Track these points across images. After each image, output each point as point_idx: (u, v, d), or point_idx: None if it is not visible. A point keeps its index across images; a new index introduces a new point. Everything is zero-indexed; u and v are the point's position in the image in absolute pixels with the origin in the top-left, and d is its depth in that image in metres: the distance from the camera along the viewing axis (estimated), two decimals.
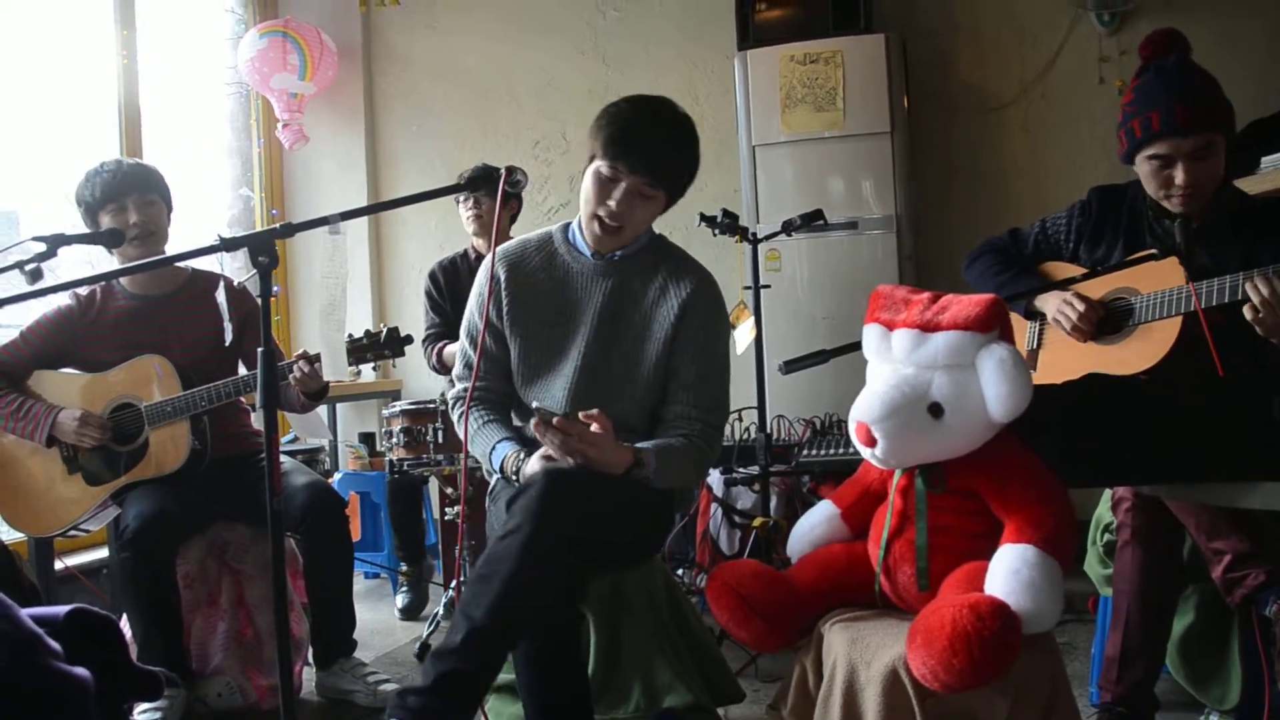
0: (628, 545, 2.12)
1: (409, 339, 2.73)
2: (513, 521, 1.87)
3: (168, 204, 2.87)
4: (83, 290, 2.82)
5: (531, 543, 1.83)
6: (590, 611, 2.06)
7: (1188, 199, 2.27)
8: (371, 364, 2.74)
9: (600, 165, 2.13)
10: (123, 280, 2.86)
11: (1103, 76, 4.10)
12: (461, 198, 3.74)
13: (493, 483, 2.32)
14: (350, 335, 2.66)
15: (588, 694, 1.98)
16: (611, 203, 2.13)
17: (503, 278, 2.26)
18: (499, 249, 2.30)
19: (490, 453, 2.18)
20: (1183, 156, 2.24)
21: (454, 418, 2.34)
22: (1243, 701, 2.26)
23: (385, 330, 2.69)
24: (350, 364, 2.70)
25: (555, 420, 1.93)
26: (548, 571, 1.86)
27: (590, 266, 2.25)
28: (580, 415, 1.97)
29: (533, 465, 2.05)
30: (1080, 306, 2.33)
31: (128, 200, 2.76)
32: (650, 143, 2.12)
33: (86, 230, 2.78)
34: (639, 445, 2.08)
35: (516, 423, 2.29)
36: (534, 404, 2.00)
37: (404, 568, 3.88)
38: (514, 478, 2.11)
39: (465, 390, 2.27)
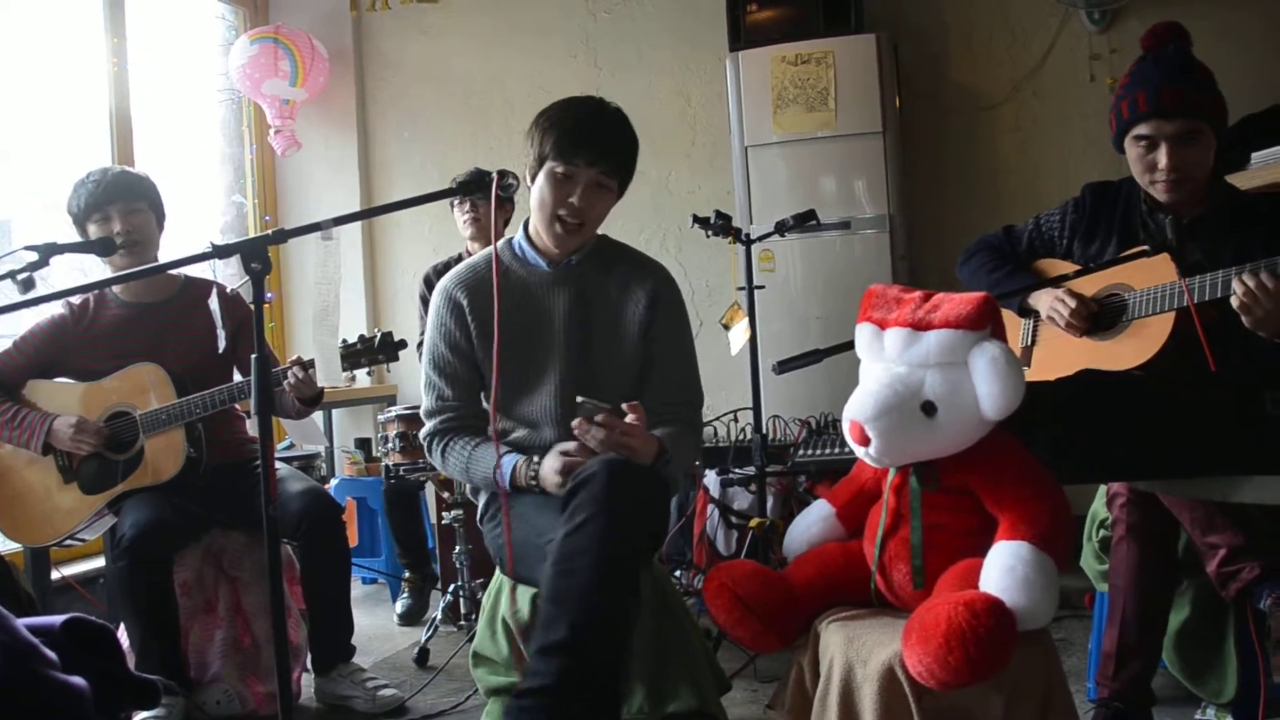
0: (654, 537, 2.15)
1: (403, 343, 2.73)
2: (581, 515, 1.90)
3: (157, 212, 2.86)
4: (76, 299, 2.82)
5: (607, 532, 1.87)
6: None
7: (1172, 186, 2.28)
8: (366, 369, 2.74)
9: (554, 166, 2.15)
10: (116, 288, 2.85)
11: (1093, 74, 4.11)
12: (457, 201, 3.75)
13: (482, 505, 2.31)
14: (344, 340, 2.66)
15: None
16: (574, 200, 2.16)
17: (466, 303, 2.25)
18: (450, 276, 2.31)
19: (496, 470, 2.17)
20: (1166, 139, 2.26)
21: (435, 459, 2.29)
22: (1239, 695, 2.26)
23: (379, 335, 2.69)
24: (344, 369, 2.70)
25: (600, 417, 2.00)
26: (629, 558, 1.91)
27: (547, 276, 2.27)
28: (624, 406, 2.04)
29: (550, 462, 2.08)
30: (1071, 304, 2.34)
31: (112, 209, 2.75)
32: (600, 134, 2.17)
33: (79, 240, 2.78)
34: (657, 434, 2.13)
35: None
36: (579, 399, 2.04)
37: (407, 574, 3.87)
38: (532, 483, 2.12)
39: (439, 424, 2.27)
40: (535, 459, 2.14)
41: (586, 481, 1.94)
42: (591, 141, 2.15)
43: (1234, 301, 2.08)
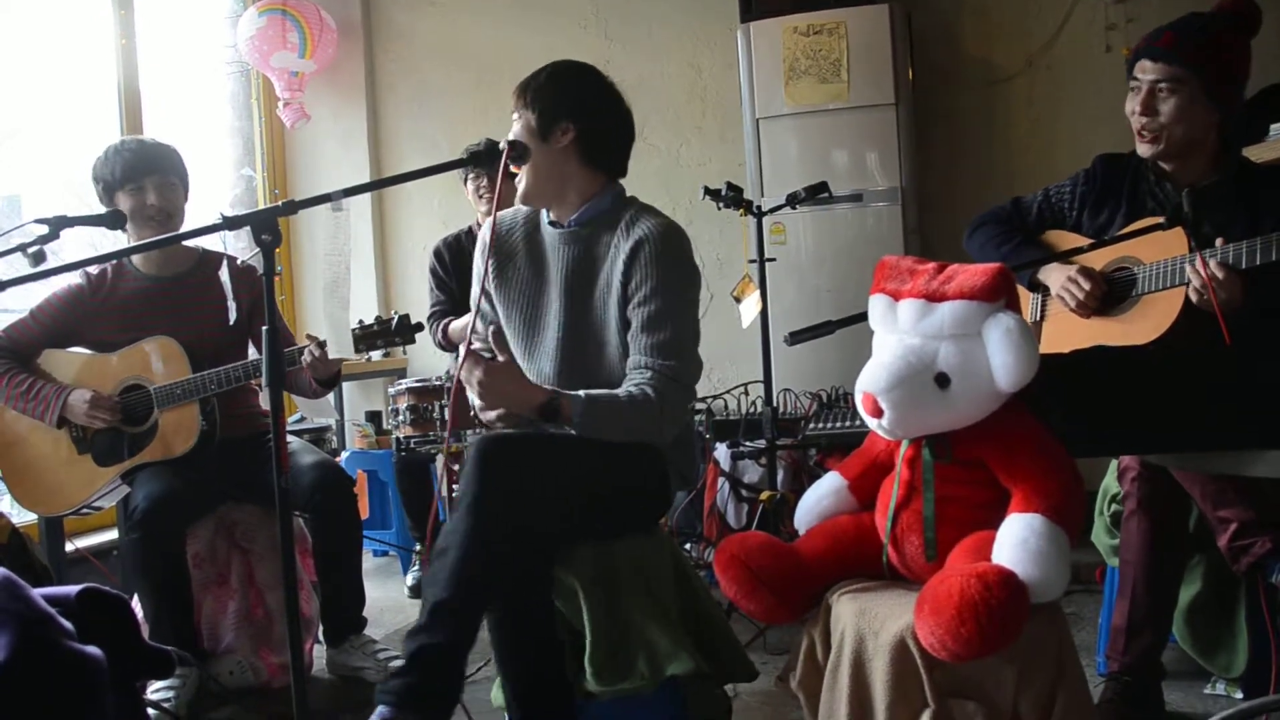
0: (601, 514, 2.08)
1: (419, 326, 2.70)
2: (459, 493, 1.92)
3: (185, 186, 2.87)
4: (93, 269, 2.83)
5: (473, 508, 1.89)
6: (580, 586, 2.05)
7: (1149, 136, 2.29)
8: (382, 350, 2.72)
9: None
10: (134, 260, 2.86)
11: (1109, 45, 4.06)
12: (472, 175, 3.72)
13: None
14: (360, 321, 2.65)
15: (564, 668, 2.00)
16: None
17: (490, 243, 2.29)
18: (495, 215, 2.31)
19: None
20: (1147, 83, 2.26)
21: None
22: (1249, 669, 2.27)
23: (396, 316, 2.67)
24: (359, 350, 2.68)
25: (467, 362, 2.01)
26: (494, 535, 1.89)
27: (556, 236, 2.23)
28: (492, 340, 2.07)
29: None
30: (1086, 286, 2.30)
31: (147, 181, 2.75)
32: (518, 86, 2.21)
33: (92, 211, 2.78)
34: (567, 391, 2.04)
35: None
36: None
37: (417, 547, 3.89)
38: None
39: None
40: None
41: (468, 461, 1.95)
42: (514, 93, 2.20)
43: (1191, 293, 2.09)
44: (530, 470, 1.94)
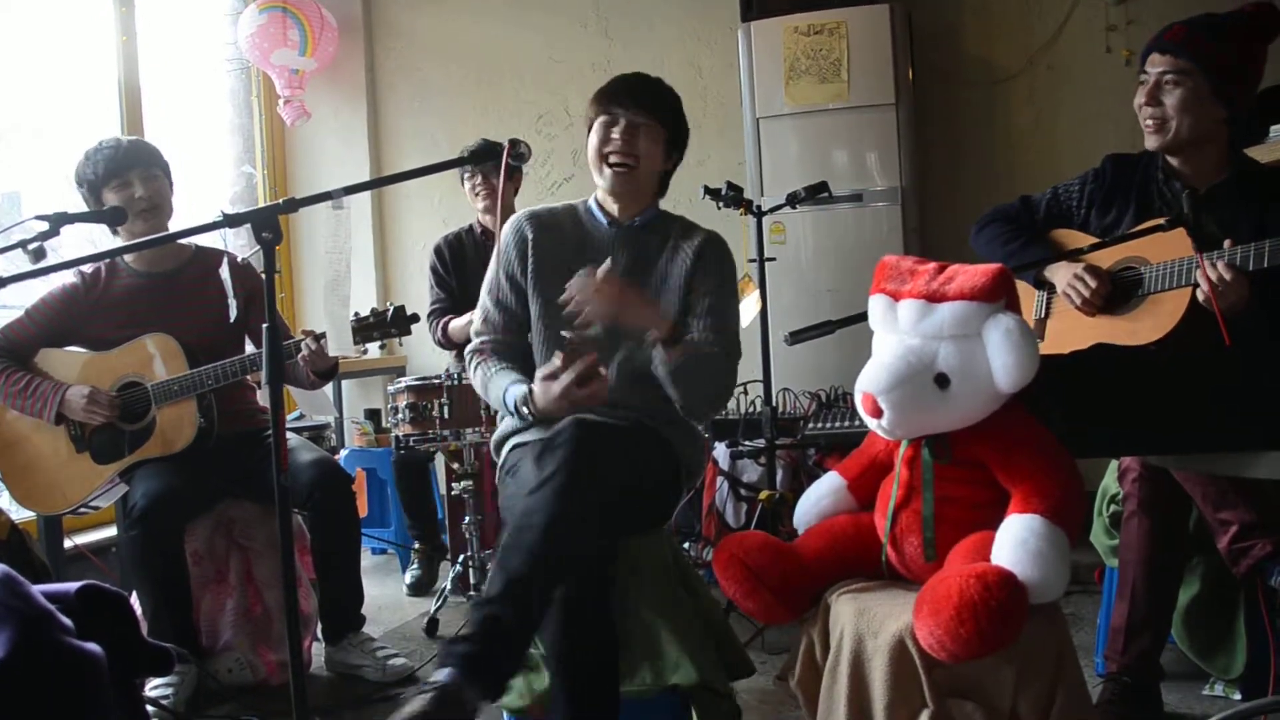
0: (645, 506, 2.13)
1: (415, 317, 2.72)
2: (545, 471, 1.90)
3: (169, 179, 2.87)
4: (87, 268, 2.83)
5: (566, 489, 1.86)
6: None
7: (1154, 128, 2.29)
8: (378, 342, 2.73)
9: (599, 118, 2.26)
10: (127, 258, 2.86)
11: (1109, 46, 4.06)
12: (468, 174, 3.73)
13: (500, 459, 2.32)
14: (356, 314, 2.66)
15: (616, 660, 1.97)
16: (615, 135, 2.24)
17: (531, 237, 2.32)
18: (526, 210, 2.38)
19: (504, 395, 2.21)
20: (1155, 75, 2.27)
21: (470, 372, 2.37)
22: (1248, 671, 2.27)
23: (392, 308, 2.68)
24: (356, 342, 2.69)
25: (591, 272, 2.08)
26: (582, 518, 1.88)
27: (608, 234, 2.31)
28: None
29: (539, 391, 2.10)
30: (1093, 283, 2.30)
31: (132, 175, 2.76)
32: (634, 83, 2.30)
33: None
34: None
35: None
36: (563, 333, 2.09)
37: (416, 545, 3.89)
38: (525, 409, 2.14)
39: (479, 344, 2.35)
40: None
41: (554, 441, 1.94)
42: (623, 90, 2.27)
43: (1198, 294, 2.09)
44: (619, 460, 1.98)
